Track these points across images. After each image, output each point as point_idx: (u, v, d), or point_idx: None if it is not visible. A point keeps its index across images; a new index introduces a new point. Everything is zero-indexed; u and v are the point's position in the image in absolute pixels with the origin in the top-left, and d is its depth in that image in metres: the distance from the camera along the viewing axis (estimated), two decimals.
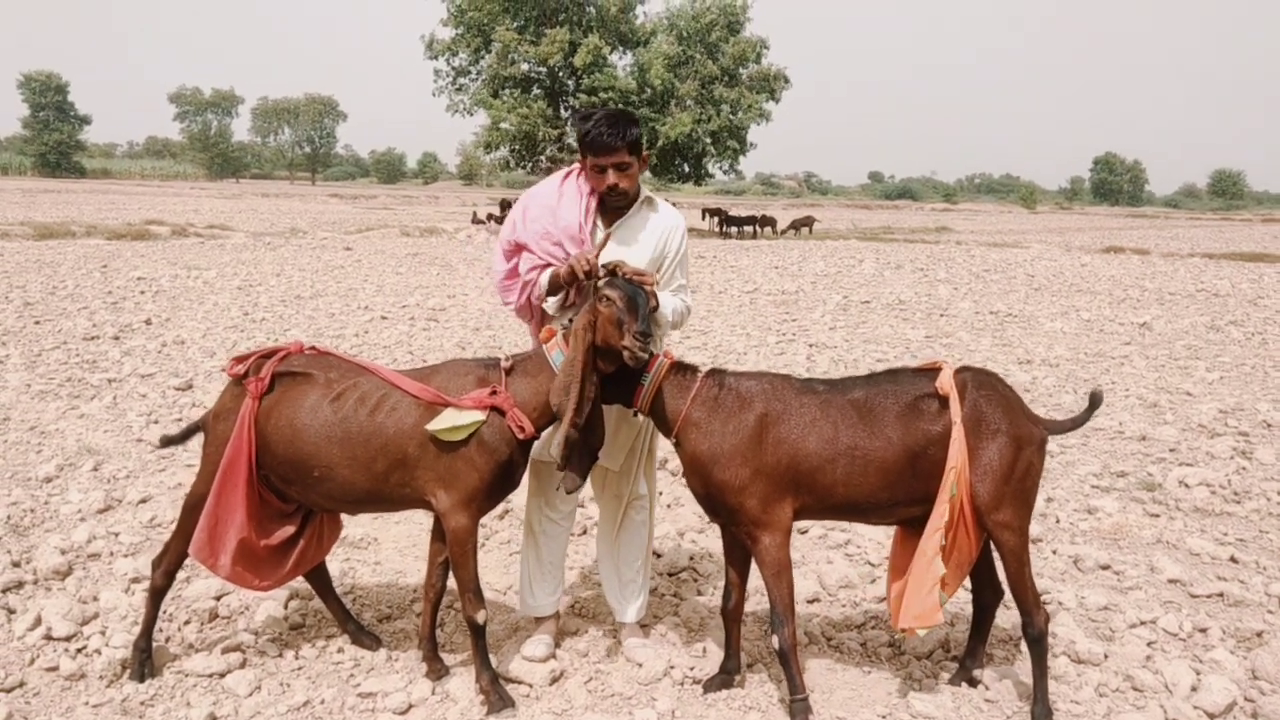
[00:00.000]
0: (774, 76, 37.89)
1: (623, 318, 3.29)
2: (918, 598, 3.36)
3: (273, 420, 3.55)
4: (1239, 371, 10.42)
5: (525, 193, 4.09)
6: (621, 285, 3.38)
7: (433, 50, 37.93)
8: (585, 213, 3.84)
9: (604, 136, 3.71)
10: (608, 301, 3.33)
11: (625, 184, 3.78)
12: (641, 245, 3.91)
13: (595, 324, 3.34)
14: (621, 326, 3.29)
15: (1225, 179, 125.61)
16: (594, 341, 3.35)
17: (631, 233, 3.91)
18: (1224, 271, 23.16)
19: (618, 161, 3.74)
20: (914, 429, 3.42)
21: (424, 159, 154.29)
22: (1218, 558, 5.04)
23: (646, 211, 3.96)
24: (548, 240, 3.80)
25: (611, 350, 3.35)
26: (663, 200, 4.05)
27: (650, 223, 3.95)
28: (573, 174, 3.97)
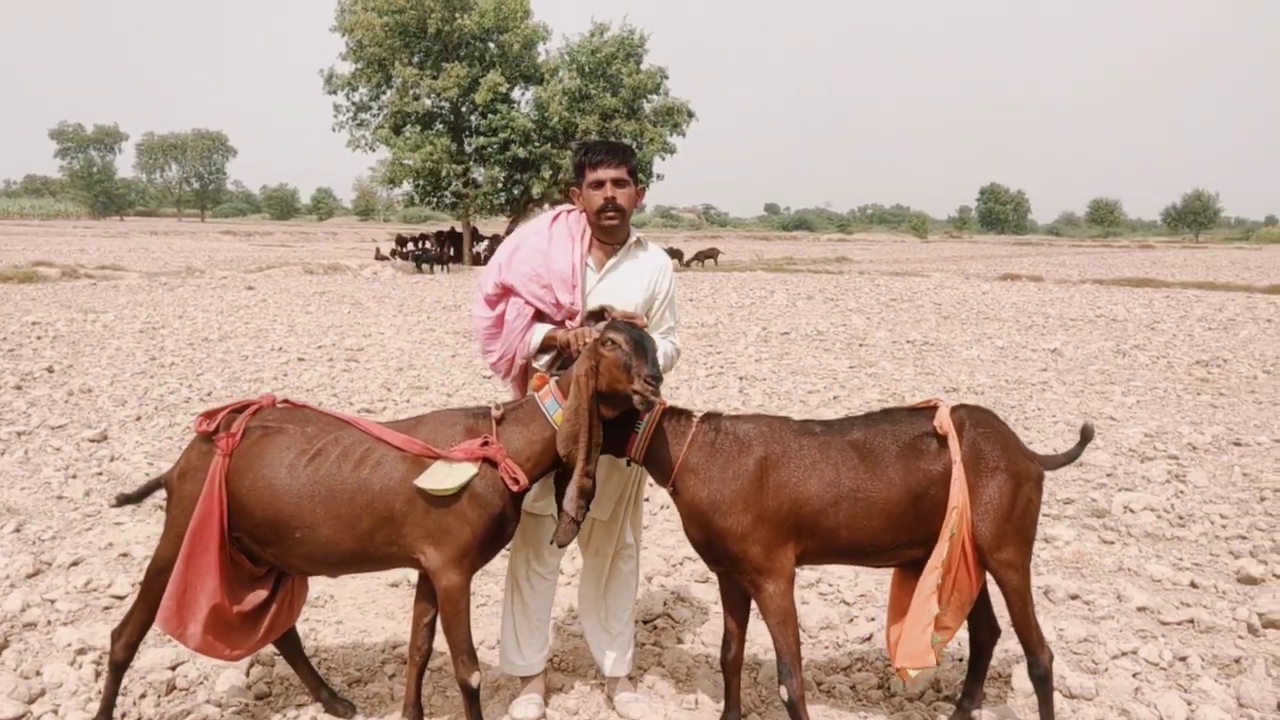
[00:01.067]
0: (677, 110, 38.20)
1: (630, 362, 3.19)
2: (911, 638, 3.32)
3: (248, 479, 3.33)
4: (1153, 395, 10.77)
5: (511, 235, 3.97)
6: (624, 328, 3.28)
7: (332, 85, 37.20)
8: (578, 256, 3.74)
9: (604, 152, 3.71)
10: (612, 345, 3.22)
11: (623, 200, 3.70)
12: (633, 286, 3.82)
13: (598, 369, 3.23)
14: (629, 371, 3.19)
15: (1103, 208, 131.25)
16: (597, 388, 3.24)
17: (623, 273, 3.82)
18: (1116, 297, 24.08)
19: (617, 176, 3.67)
20: (915, 469, 3.39)
21: (318, 195, 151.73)
22: (1179, 583, 5.14)
23: (636, 251, 3.88)
24: (536, 283, 3.69)
25: (616, 395, 3.23)
26: (650, 241, 3.97)
27: (641, 263, 3.87)
28: (562, 216, 3.87)
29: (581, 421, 3.20)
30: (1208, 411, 9.84)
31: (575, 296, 3.68)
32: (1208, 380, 11.72)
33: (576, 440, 3.21)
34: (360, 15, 35.24)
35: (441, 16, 35.01)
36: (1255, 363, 13.07)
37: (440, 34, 35.64)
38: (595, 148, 3.75)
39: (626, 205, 3.73)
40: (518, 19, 36.13)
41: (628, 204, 3.74)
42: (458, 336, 15.21)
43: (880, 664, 4.29)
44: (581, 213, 3.81)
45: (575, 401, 3.22)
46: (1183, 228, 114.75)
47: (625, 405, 3.27)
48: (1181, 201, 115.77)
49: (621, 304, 3.69)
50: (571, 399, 3.23)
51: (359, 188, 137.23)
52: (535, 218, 4.02)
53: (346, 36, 35.96)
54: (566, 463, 3.26)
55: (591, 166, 3.70)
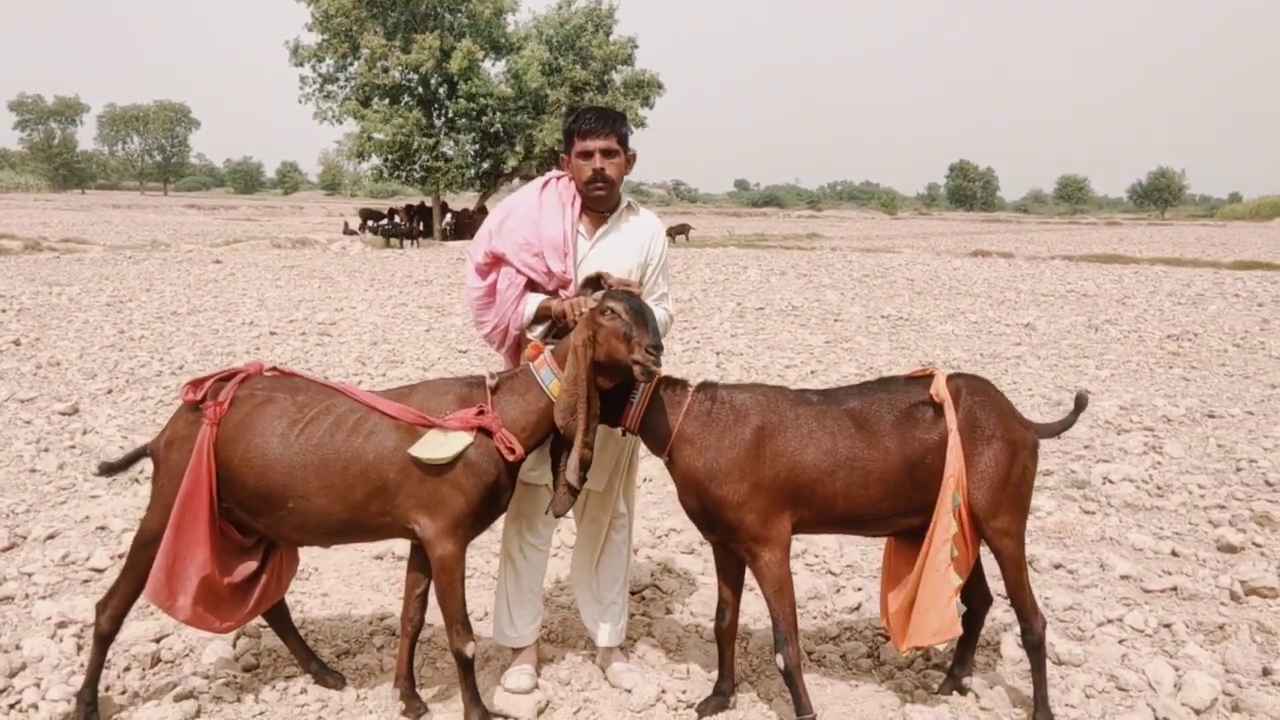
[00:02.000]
0: (647, 82, 38.02)
1: (629, 331, 3.15)
2: (935, 612, 3.32)
3: (239, 449, 3.27)
4: (1126, 369, 10.87)
5: (501, 203, 3.92)
6: (623, 296, 3.23)
7: (298, 57, 36.63)
8: (569, 223, 3.69)
9: (592, 121, 3.64)
10: (611, 314, 3.18)
11: (611, 171, 3.64)
12: (626, 252, 3.77)
13: (595, 338, 3.19)
14: (629, 340, 3.14)
15: (1071, 185, 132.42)
16: (595, 357, 3.20)
17: (615, 240, 3.77)
18: (1086, 273, 24.26)
19: (605, 146, 3.62)
20: (911, 438, 3.38)
21: (283, 169, 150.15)
22: (1160, 552, 5.19)
23: (628, 217, 3.83)
24: (527, 251, 3.63)
25: (615, 365, 3.19)
26: (643, 206, 3.92)
27: (633, 229, 3.82)
28: (551, 182, 3.81)
29: (580, 392, 3.17)
30: (1180, 385, 9.94)
31: (567, 265, 3.63)
32: (1179, 354, 11.84)
33: (574, 411, 3.17)
34: None
35: None
36: (1225, 336, 13.23)
37: (410, 3, 35.16)
38: (584, 115, 3.68)
39: (615, 176, 3.68)
40: None
41: (616, 175, 3.68)
42: (431, 311, 15.09)
43: (869, 633, 4.30)
44: (571, 179, 3.76)
45: (573, 371, 3.17)
46: (1149, 205, 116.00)
47: (624, 375, 3.24)
48: (1147, 179, 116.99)
49: (614, 271, 3.65)
50: (569, 369, 3.19)
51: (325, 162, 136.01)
52: (524, 186, 3.96)
53: (312, 7, 35.44)
54: (564, 434, 3.22)
55: (580, 135, 3.64)
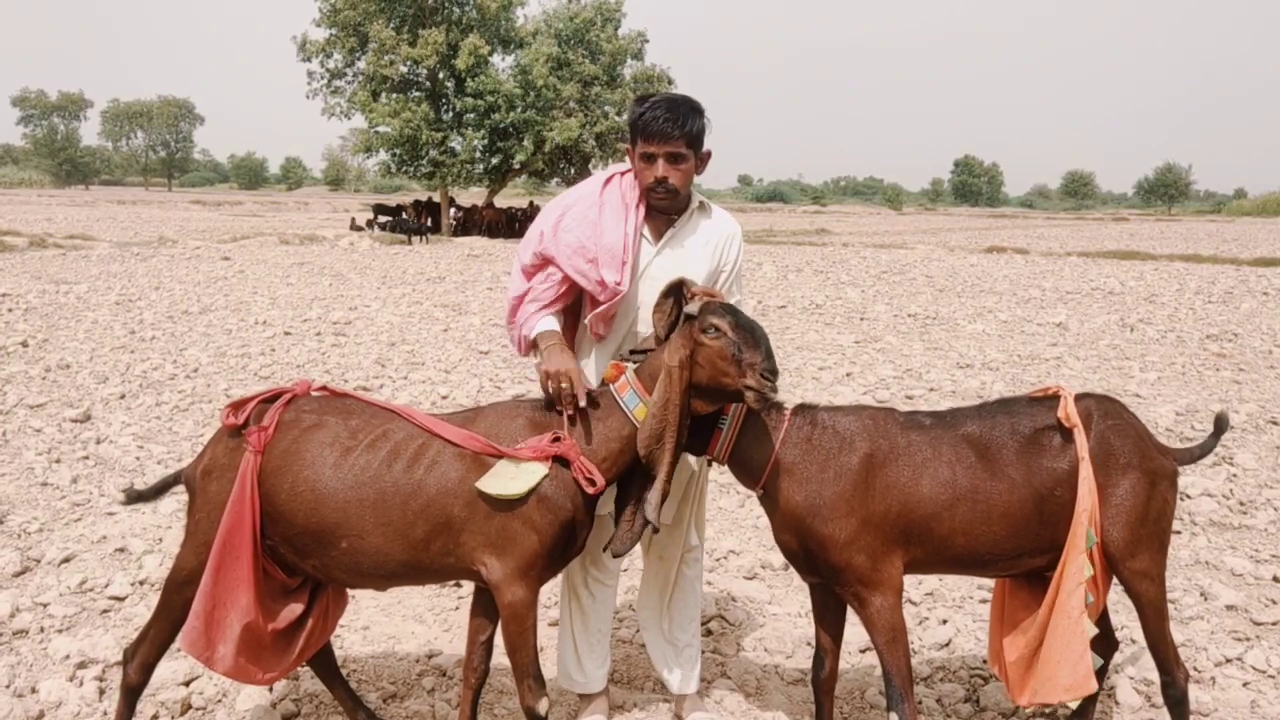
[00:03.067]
0: (657, 78, 37.57)
1: (738, 352, 2.76)
2: (1068, 666, 2.94)
3: (286, 480, 2.90)
4: (1172, 371, 10.49)
5: (556, 198, 3.47)
6: (726, 309, 2.85)
7: (305, 52, 36.25)
8: (632, 227, 3.28)
9: (659, 121, 3.12)
10: (715, 332, 2.79)
11: (676, 180, 3.18)
12: (697, 257, 3.36)
13: (695, 359, 2.81)
14: (739, 363, 2.76)
15: (1077, 180, 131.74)
16: (694, 380, 2.82)
17: (684, 245, 3.36)
18: (1106, 270, 23.85)
19: (671, 151, 3.14)
20: (1039, 467, 3.00)
21: (287, 164, 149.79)
22: (1261, 578, 4.82)
23: (699, 219, 3.40)
24: (581, 256, 3.20)
25: (719, 390, 2.82)
26: (717, 206, 3.52)
27: (704, 231, 3.39)
28: (615, 179, 3.36)
29: (671, 418, 2.78)
30: (1233, 389, 9.56)
31: (623, 276, 3.20)
32: (1224, 355, 11.45)
33: (661, 439, 2.79)
34: None
35: None
36: (1266, 337, 12.84)
37: None
38: (653, 111, 3.15)
39: (680, 184, 3.21)
40: None
41: (681, 182, 3.21)
42: (447, 310, 14.71)
43: (964, 673, 3.93)
44: (635, 176, 3.35)
45: (664, 394, 2.79)
46: (1155, 201, 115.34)
47: (724, 401, 2.87)
48: (1154, 175, 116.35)
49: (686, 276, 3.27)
50: (659, 392, 2.80)
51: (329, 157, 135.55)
52: (586, 180, 3.54)
53: (320, 1, 35.05)
54: (647, 464, 2.84)
55: (644, 137, 3.16)
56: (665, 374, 2.80)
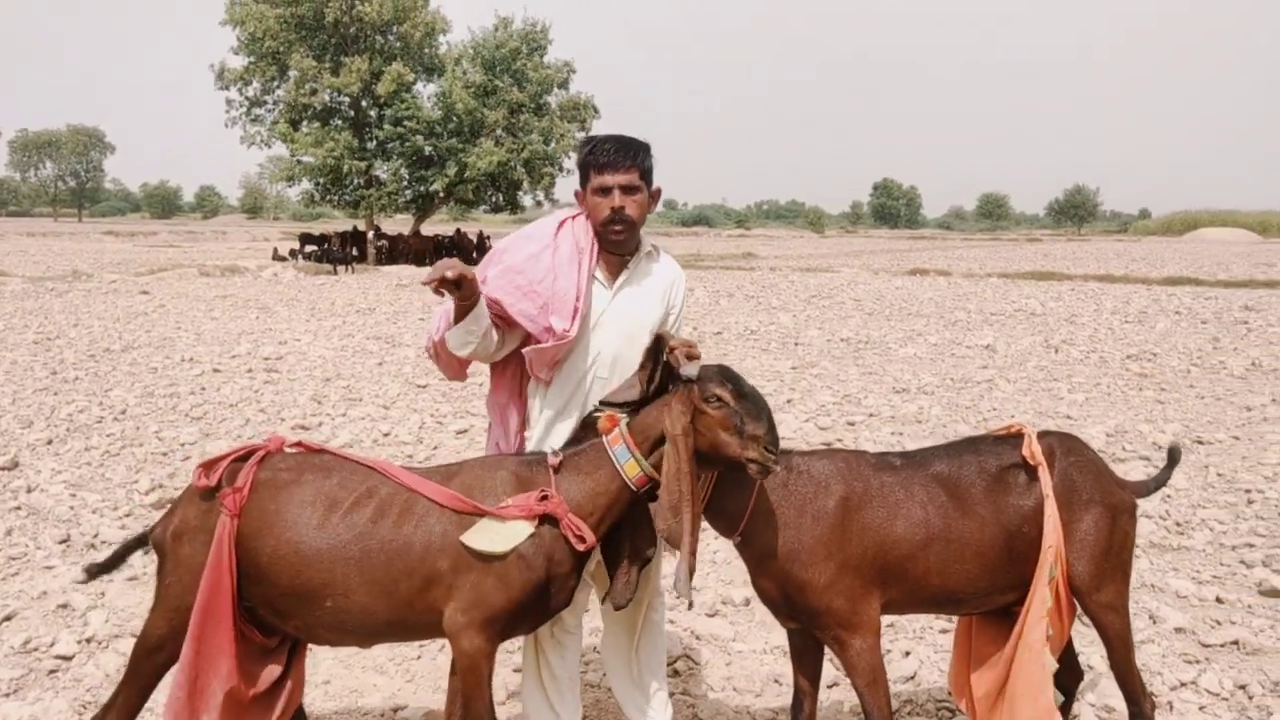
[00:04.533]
0: (583, 105, 37.78)
1: (743, 423, 2.75)
2: (1029, 699, 2.99)
3: (268, 542, 2.82)
4: (1098, 391, 10.79)
5: (506, 240, 3.44)
6: (725, 376, 2.84)
7: (224, 80, 35.77)
8: (585, 273, 3.26)
9: (611, 153, 3.18)
10: (718, 402, 2.77)
11: (632, 210, 3.21)
12: (650, 303, 3.38)
13: (696, 425, 2.79)
14: (742, 434, 2.75)
15: (991, 202, 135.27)
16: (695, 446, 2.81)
17: (638, 288, 3.38)
18: (1026, 291, 24.49)
19: (626, 182, 3.18)
20: (1006, 505, 3.07)
21: (202, 192, 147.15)
22: (1205, 599, 4.97)
23: (649, 262, 3.43)
24: (530, 300, 3.17)
25: (716, 458, 2.81)
26: (663, 251, 3.54)
27: (655, 274, 3.42)
28: (567, 224, 3.34)
29: (685, 489, 2.74)
30: (1157, 408, 9.87)
31: (573, 326, 3.19)
32: (1146, 375, 11.82)
33: (679, 511, 2.75)
34: (252, 7, 33.96)
35: (340, 6, 33.86)
36: (1183, 356, 13.29)
37: (338, 24, 34.50)
38: (602, 146, 3.22)
39: (636, 216, 3.24)
40: (417, 8, 35.20)
41: (637, 214, 3.25)
42: (380, 342, 14.53)
43: (932, 706, 3.98)
44: (588, 218, 3.34)
45: (674, 465, 2.75)
46: (1065, 221, 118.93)
47: (719, 468, 2.87)
48: (1064, 196, 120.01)
49: (638, 323, 3.28)
50: (669, 462, 2.76)
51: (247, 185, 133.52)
52: (539, 220, 3.54)
53: (238, 29, 34.58)
54: (668, 540, 2.80)
55: (597, 169, 3.20)
56: (672, 444, 2.76)
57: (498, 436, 3.46)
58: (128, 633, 4.49)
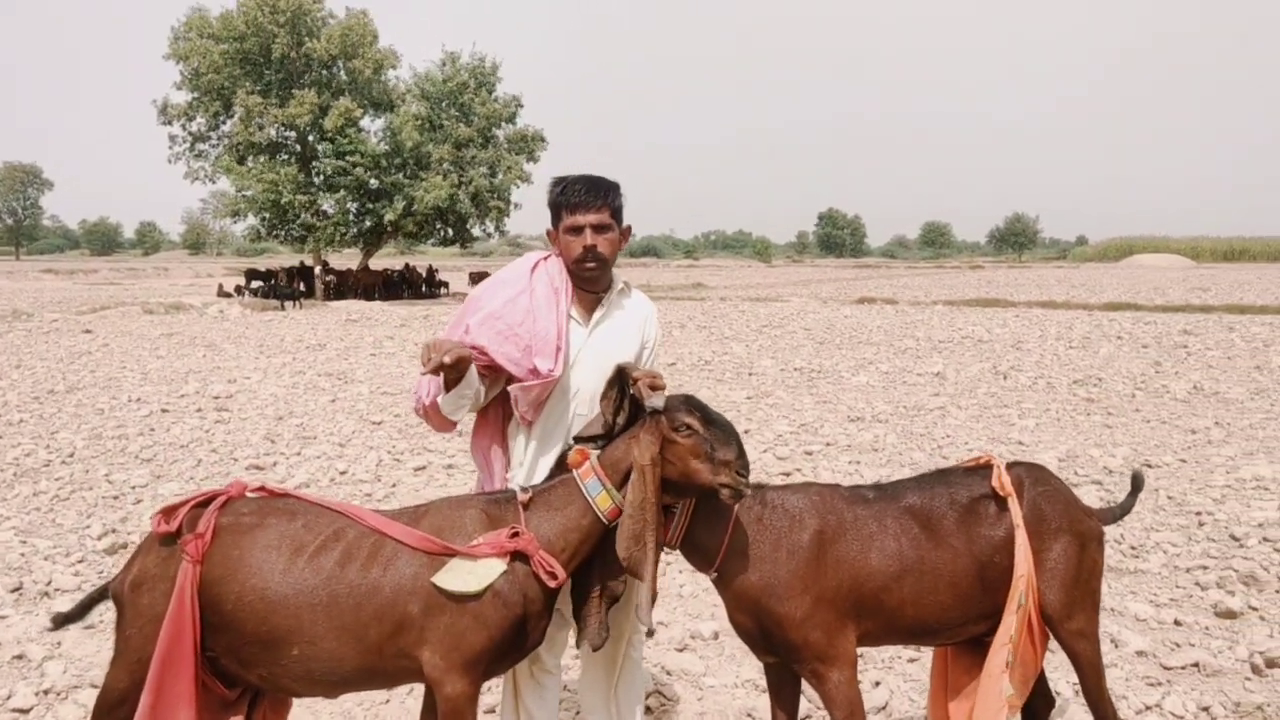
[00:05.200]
0: (532, 137, 37.91)
1: (713, 450, 2.79)
2: None
3: (232, 589, 2.78)
4: (1048, 417, 10.98)
5: (479, 286, 3.49)
6: (695, 405, 2.88)
7: (167, 115, 35.40)
8: (563, 313, 3.31)
9: (582, 193, 3.25)
10: (687, 430, 2.81)
11: (605, 248, 3.27)
12: (627, 335, 3.43)
13: (666, 455, 2.82)
14: (713, 460, 2.79)
15: (934, 230, 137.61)
16: (663, 476, 2.83)
17: (613, 325, 3.42)
18: (971, 318, 24.90)
19: (598, 221, 3.24)
20: (978, 536, 3.12)
21: (143, 228, 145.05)
22: (1164, 622, 5.06)
23: (622, 299, 3.48)
24: (513, 343, 3.20)
25: (688, 486, 2.84)
26: (635, 288, 3.60)
27: (629, 310, 3.48)
28: (540, 265, 3.39)
29: (649, 518, 2.78)
30: (1106, 432, 10.06)
31: (557, 364, 3.23)
32: (1093, 400, 12.06)
33: (641, 539, 2.78)
34: (196, 42, 33.70)
35: (287, 42, 33.72)
36: (1128, 380, 13.58)
37: (285, 60, 34.35)
38: (573, 187, 3.28)
39: (608, 254, 3.30)
40: (366, 44, 35.17)
41: (610, 252, 3.31)
42: (332, 379, 14.39)
43: None
44: (560, 257, 3.40)
45: (640, 494, 2.78)
46: (1006, 248, 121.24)
47: (691, 495, 2.90)
48: (1004, 224, 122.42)
49: (616, 359, 3.30)
50: (635, 492, 2.79)
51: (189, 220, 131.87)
52: (512, 263, 3.56)
53: (181, 64, 34.28)
54: (629, 567, 2.82)
55: (569, 209, 3.26)
56: (639, 473, 2.79)
57: (484, 482, 3.45)
58: (87, 683, 4.38)
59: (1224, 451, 8.95)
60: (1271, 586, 5.48)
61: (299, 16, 33.93)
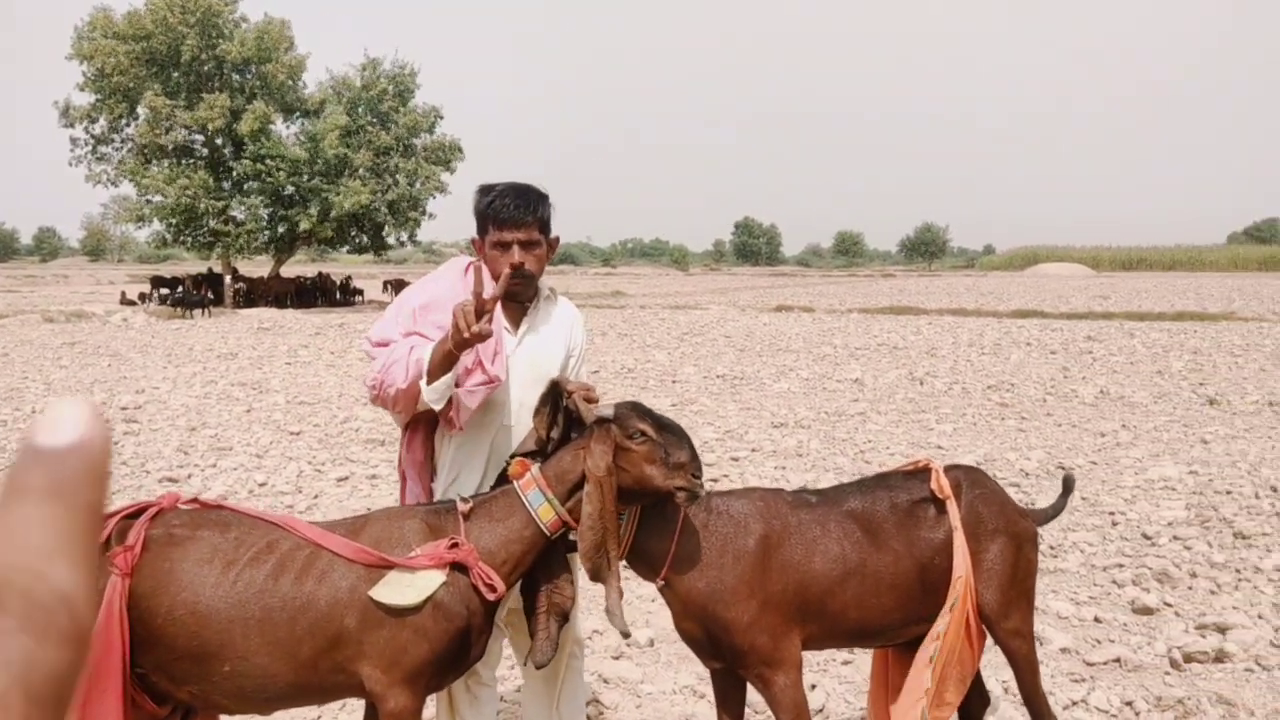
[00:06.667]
0: (449, 147, 37.58)
1: (667, 454, 2.77)
2: (900, 712, 3.11)
3: (162, 603, 2.68)
4: (964, 422, 11.23)
5: (415, 284, 3.41)
6: (644, 412, 2.87)
7: (68, 117, 34.24)
8: (499, 317, 3.27)
9: (511, 208, 3.14)
10: (641, 437, 2.79)
11: (532, 265, 3.19)
12: (552, 349, 3.38)
13: (620, 464, 2.80)
14: (668, 464, 2.78)
15: (847, 239, 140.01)
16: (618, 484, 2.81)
17: (541, 334, 3.38)
18: (885, 325, 25.38)
19: (526, 238, 3.17)
20: (918, 538, 3.17)
21: (41, 234, 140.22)
22: (1084, 619, 5.20)
23: (549, 306, 3.43)
24: None
25: (642, 492, 2.82)
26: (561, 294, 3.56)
27: (555, 318, 3.44)
28: (472, 268, 3.26)
29: (610, 526, 2.76)
30: (1020, 436, 10.33)
31: (498, 365, 3.16)
32: (1006, 405, 12.37)
33: (602, 548, 2.76)
34: (101, 41, 32.66)
35: (197, 44, 32.89)
36: (1038, 386, 13.97)
37: (195, 62, 33.50)
38: (501, 200, 3.17)
39: (536, 270, 3.24)
40: (281, 50, 34.49)
41: (537, 268, 3.24)
42: (246, 389, 14.04)
43: None
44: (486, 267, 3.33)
45: (598, 505, 2.74)
46: (917, 257, 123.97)
47: (644, 501, 2.88)
48: (915, 233, 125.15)
49: (544, 369, 3.27)
50: (592, 503, 2.75)
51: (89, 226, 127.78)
52: (442, 266, 3.51)
53: (85, 65, 33.20)
54: (593, 577, 2.81)
55: (496, 224, 3.16)
56: (595, 485, 2.76)
57: (416, 494, 3.37)
58: None
59: (1132, 454, 9.25)
60: (1184, 583, 5.67)
61: (209, 18, 33.14)
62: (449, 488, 3.31)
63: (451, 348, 2.92)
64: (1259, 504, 7.26)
